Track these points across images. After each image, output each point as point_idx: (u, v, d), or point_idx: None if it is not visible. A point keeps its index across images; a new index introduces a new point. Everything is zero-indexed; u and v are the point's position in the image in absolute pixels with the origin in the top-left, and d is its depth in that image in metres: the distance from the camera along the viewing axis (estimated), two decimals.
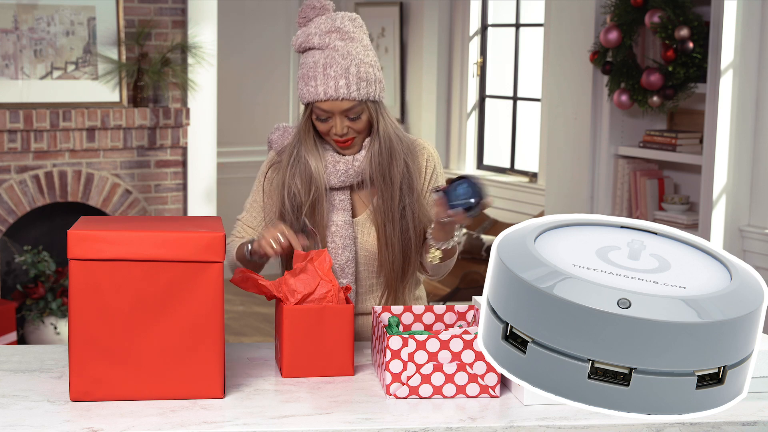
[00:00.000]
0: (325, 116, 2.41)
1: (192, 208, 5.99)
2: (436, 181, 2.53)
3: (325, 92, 2.37)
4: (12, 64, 5.48)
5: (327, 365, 2.21)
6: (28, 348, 2.44)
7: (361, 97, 2.39)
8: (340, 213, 2.48)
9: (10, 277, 5.72)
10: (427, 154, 2.53)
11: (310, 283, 2.23)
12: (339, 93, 2.37)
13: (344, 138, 2.43)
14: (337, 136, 2.42)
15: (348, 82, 2.37)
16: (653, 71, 4.72)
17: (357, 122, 2.42)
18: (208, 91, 6.01)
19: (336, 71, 2.37)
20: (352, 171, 2.46)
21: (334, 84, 2.36)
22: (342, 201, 2.49)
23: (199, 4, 5.92)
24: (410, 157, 2.49)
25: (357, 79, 2.38)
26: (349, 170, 2.46)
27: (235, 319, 6.34)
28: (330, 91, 2.37)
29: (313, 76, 2.38)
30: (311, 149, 2.45)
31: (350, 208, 2.50)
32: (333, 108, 2.39)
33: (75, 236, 2.01)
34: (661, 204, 4.95)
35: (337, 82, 2.36)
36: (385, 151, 2.44)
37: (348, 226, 2.48)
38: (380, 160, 2.44)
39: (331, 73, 2.37)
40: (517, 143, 6.75)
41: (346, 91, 2.37)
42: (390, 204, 2.44)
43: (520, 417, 1.99)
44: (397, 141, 2.46)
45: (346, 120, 2.41)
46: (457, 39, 6.99)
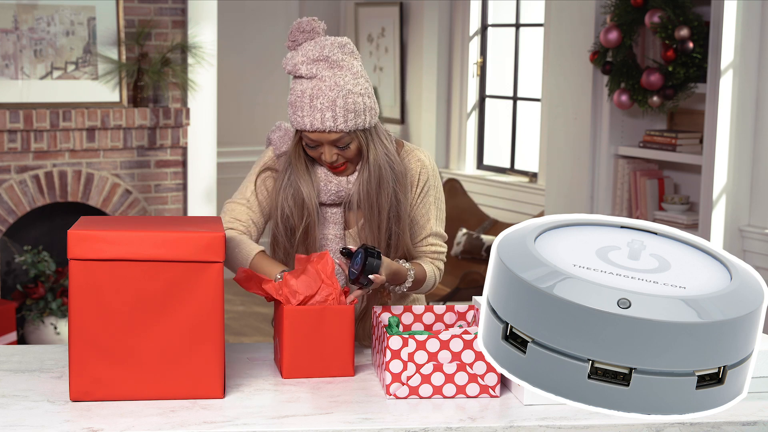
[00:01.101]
0: (314, 144, 2.39)
1: (192, 208, 5.99)
2: (428, 193, 2.51)
3: (312, 124, 2.34)
4: (12, 64, 5.48)
5: (327, 366, 2.21)
6: (28, 348, 2.44)
7: (349, 128, 2.35)
8: (332, 226, 2.49)
9: (10, 277, 5.72)
10: (421, 166, 2.51)
11: (312, 285, 2.23)
12: (325, 125, 2.33)
13: (335, 165, 2.42)
14: (327, 163, 2.41)
15: (335, 115, 2.33)
16: (653, 71, 4.72)
17: (346, 151, 2.39)
18: (208, 91, 6.01)
19: (323, 103, 2.33)
20: (344, 192, 2.46)
21: (320, 116, 2.33)
22: (334, 215, 2.49)
23: (199, 4, 5.92)
24: (400, 185, 2.45)
25: (344, 111, 2.34)
26: (340, 191, 2.45)
27: (235, 319, 6.34)
28: (316, 123, 2.33)
29: (300, 107, 2.35)
30: (302, 174, 2.43)
31: (342, 221, 2.49)
32: (321, 139, 2.36)
33: (75, 236, 2.01)
34: (661, 204, 4.95)
35: (323, 114, 2.33)
36: (374, 180, 2.41)
37: (339, 240, 2.49)
38: (368, 189, 2.41)
39: (317, 105, 2.33)
40: (517, 143, 6.75)
41: (332, 123, 2.33)
42: (377, 233, 2.43)
43: (520, 417, 1.99)
44: (387, 169, 2.42)
45: (335, 149, 2.38)
46: (457, 39, 6.99)
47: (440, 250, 2.53)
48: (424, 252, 2.52)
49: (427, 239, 2.52)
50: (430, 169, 2.51)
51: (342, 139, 2.36)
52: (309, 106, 2.33)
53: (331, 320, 2.20)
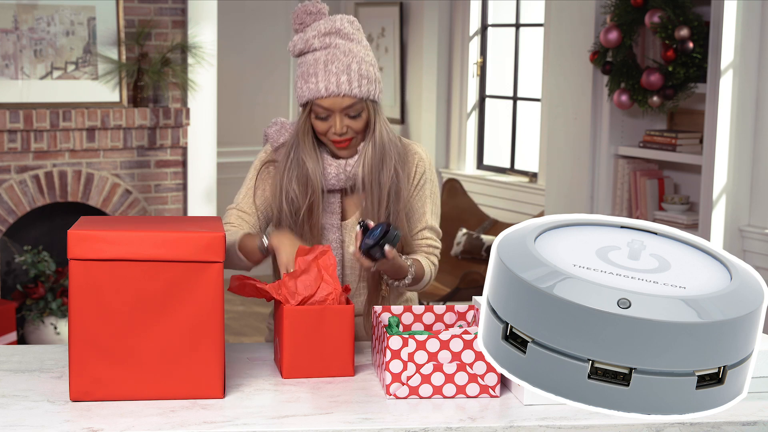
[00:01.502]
0: (325, 114, 2.39)
1: (192, 208, 5.99)
2: (424, 185, 2.52)
3: (327, 88, 2.35)
4: (12, 64, 5.48)
5: (327, 366, 2.21)
6: (28, 348, 2.44)
7: (362, 94, 2.37)
8: (329, 216, 2.49)
9: (10, 277, 5.72)
10: (419, 158, 2.52)
11: (311, 285, 2.23)
12: (341, 89, 2.35)
13: (343, 138, 2.41)
14: (335, 135, 2.41)
15: (350, 79, 2.36)
16: (653, 71, 4.72)
17: (357, 121, 2.40)
18: (208, 91, 6.01)
19: (338, 67, 2.35)
20: (344, 175, 2.46)
21: (335, 80, 2.35)
22: (332, 204, 2.49)
23: (199, 4, 5.92)
24: (401, 164, 2.47)
25: (359, 76, 2.37)
26: (340, 174, 2.45)
27: (235, 319, 6.34)
28: (332, 87, 2.35)
29: (314, 73, 2.37)
30: (309, 151, 2.44)
31: (340, 211, 2.50)
32: (334, 105, 2.37)
33: (75, 236, 2.01)
34: (661, 204, 4.95)
35: (338, 78, 2.35)
36: (377, 156, 2.43)
37: (336, 230, 2.49)
38: (372, 165, 2.43)
39: (332, 69, 2.35)
40: (517, 143, 6.75)
41: (348, 87, 2.35)
42: (377, 209, 2.44)
43: (520, 417, 1.99)
44: (390, 146, 2.45)
45: (346, 119, 2.39)
46: (457, 39, 6.99)
47: (435, 245, 2.54)
48: (419, 245, 2.53)
49: (422, 232, 2.53)
50: (427, 163, 2.53)
51: (354, 106, 2.38)
52: (324, 71, 2.35)
53: (331, 320, 2.20)
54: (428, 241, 2.53)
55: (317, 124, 2.42)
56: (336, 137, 2.41)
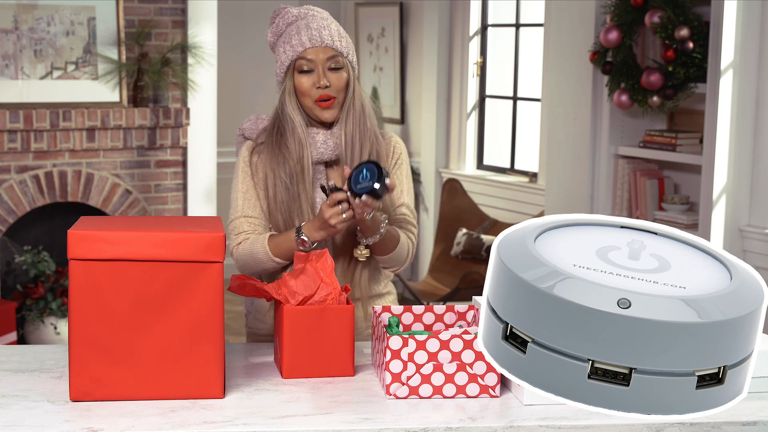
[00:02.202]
0: (309, 67, 2.48)
1: (192, 208, 5.99)
2: (402, 165, 2.60)
3: (310, 39, 2.47)
4: (12, 64, 5.48)
5: (327, 366, 2.21)
6: (28, 348, 2.44)
7: (343, 49, 2.50)
8: (318, 190, 2.53)
9: (10, 277, 5.72)
10: (395, 141, 2.62)
11: (311, 285, 2.23)
12: (323, 39, 2.48)
13: (326, 93, 2.48)
14: (320, 89, 2.48)
15: (331, 33, 2.49)
16: (653, 71, 4.72)
17: (338, 75, 2.49)
18: (208, 91, 6.01)
19: (319, 24, 2.50)
20: (332, 141, 2.51)
21: (318, 33, 2.48)
22: (319, 179, 2.54)
23: (199, 4, 5.92)
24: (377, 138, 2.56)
25: (338, 33, 2.51)
26: (328, 140, 2.51)
27: (235, 319, 6.34)
28: (315, 38, 2.47)
29: (296, 32, 2.49)
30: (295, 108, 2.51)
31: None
32: (317, 56, 2.48)
33: (75, 236, 2.01)
34: (661, 204, 4.95)
35: (320, 32, 2.48)
36: (357, 118, 2.51)
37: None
38: (353, 126, 2.51)
39: (313, 25, 2.49)
40: (517, 143, 6.75)
41: (329, 39, 2.48)
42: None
43: (520, 417, 1.99)
44: (369, 116, 2.54)
45: (329, 72, 2.48)
46: (457, 39, 6.99)
47: (412, 221, 2.59)
48: (396, 219, 2.57)
49: (399, 208, 2.58)
50: (402, 147, 2.63)
51: (336, 58, 2.49)
52: (306, 28, 2.49)
53: (330, 320, 2.20)
54: (405, 217, 2.58)
55: (301, 82, 2.49)
56: (320, 92, 2.48)
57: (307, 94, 2.50)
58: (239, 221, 2.53)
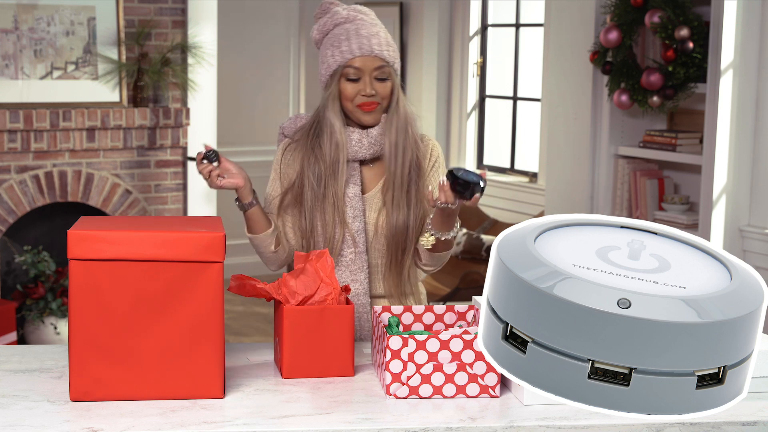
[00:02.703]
0: (356, 75, 2.49)
1: (192, 208, 5.99)
2: (438, 168, 2.62)
3: (360, 48, 2.47)
4: (12, 64, 5.48)
5: (327, 366, 2.21)
6: (28, 348, 2.44)
7: (390, 59, 2.51)
8: (351, 186, 2.54)
9: (10, 277, 5.72)
10: (433, 144, 2.65)
11: (311, 285, 2.23)
12: (373, 49, 2.48)
13: (371, 100, 2.50)
14: (364, 97, 2.49)
15: (380, 42, 2.50)
16: (653, 71, 4.72)
17: (384, 84, 2.51)
18: (208, 91, 6.01)
19: (368, 32, 2.50)
20: (366, 141, 2.53)
21: (368, 42, 2.48)
22: (353, 175, 2.55)
23: (199, 4, 5.92)
24: (417, 143, 2.59)
25: (387, 42, 2.52)
26: (362, 140, 2.53)
27: (235, 319, 6.34)
28: (365, 47, 2.48)
29: (345, 39, 2.49)
30: (335, 114, 2.51)
31: (360, 183, 2.56)
32: (365, 65, 2.48)
33: (75, 236, 2.01)
34: (661, 204, 4.95)
35: (370, 40, 2.49)
36: (401, 126, 2.54)
37: (358, 199, 2.54)
38: (396, 133, 2.53)
39: (363, 33, 2.49)
40: (517, 143, 6.75)
41: (378, 48, 2.49)
42: (400, 177, 2.52)
43: (520, 417, 1.99)
44: (411, 118, 2.58)
45: (375, 81, 2.49)
46: (457, 39, 6.99)
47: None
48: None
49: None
50: (439, 150, 2.65)
51: (383, 68, 2.50)
52: (355, 35, 2.49)
53: (330, 320, 2.20)
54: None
55: (346, 88, 2.50)
56: (364, 99, 2.50)
57: (350, 99, 2.51)
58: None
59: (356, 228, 2.53)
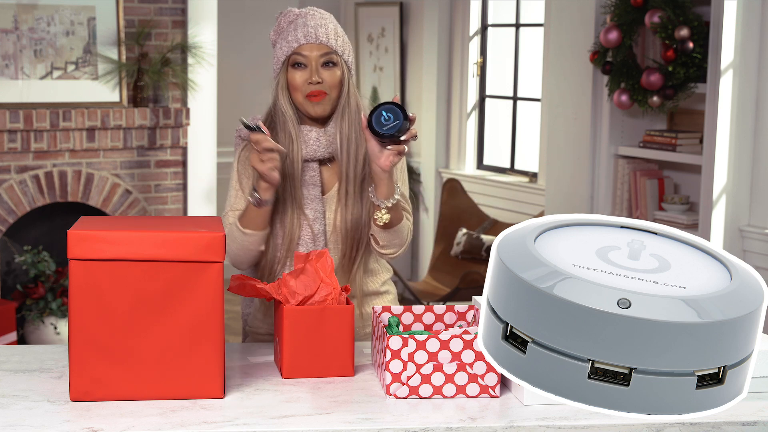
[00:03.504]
0: (302, 61, 2.49)
1: (192, 208, 5.99)
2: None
3: (305, 36, 2.49)
4: (12, 64, 5.48)
5: (327, 366, 2.21)
6: (28, 348, 2.44)
7: (338, 47, 2.50)
8: (310, 188, 2.52)
9: (10, 277, 5.72)
10: None
11: (311, 285, 2.23)
12: (318, 37, 2.49)
13: (318, 89, 2.48)
14: (311, 85, 2.48)
15: (327, 32, 2.50)
16: (653, 71, 4.72)
17: (331, 72, 2.49)
18: (208, 91, 6.01)
19: (316, 22, 2.51)
20: (324, 140, 2.51)
21: (314, 31, 2.49)
22: (312, 177, 2.53)
23: (199, 4, 5.92)
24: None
25: (335, 33, 2.52)
26: (320, 138, 2.51)
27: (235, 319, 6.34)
28: (310, 34, 2.49)
29: (293, 28, 2.51)
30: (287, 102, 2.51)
31: (320, 183, 2.53)
32: (311, 53, 2.48)
33: (75, 236, 2.01)
34: (661, 204, 4.95)
35: (317, 30, 2.50)
36: (353, 118, 2.51)
37: (318, 200, 2.52)
38: (349, 126, 2.50)
39: (310, 23, 2.51)
40: (517, 143, 6.75)
41: (325, 37, 2.49)
42: (353, 174, 2.49)
43: (520, 417, 1.99)
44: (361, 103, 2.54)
45: (322, 69, 2.48)
46: (457, 39, 6.99)
47: (407, 208, 2.57)
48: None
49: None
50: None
51: (330, 55, 2.49)
52: (303, 25, 2.51)
53: (330, 320, 2.20)
54: (402, 204, 2.54)
55: (294, 77, 2.50)
56: (311, 88, 2.48)
57: (298, 89, 2.50)
58: (229, 213, 2.55)
59: (317, 230, 2.50)
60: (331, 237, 2.54)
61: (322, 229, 2.51)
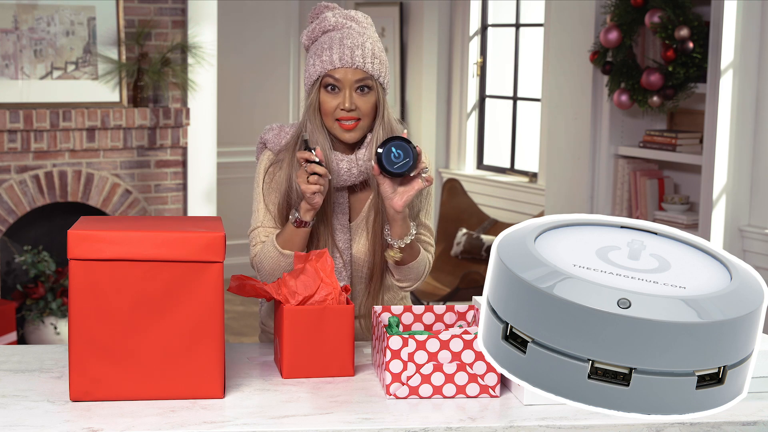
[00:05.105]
0: (336, 86, 2.38)
1: (192, 208, 5.99)
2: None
3: (341, 59, 2.37)
4: (12, 64, 5.48)
5: (327, 366, 2.21)
6: (28, 348, 2.44)
7: (374, 71, 2.40)
8: (338, 216, 2.47)
9: (10, 277, 5.72)
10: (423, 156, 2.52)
11: (311, 285, 2.23)
12: (354, 61, 2.37)
13: (350, 115, 2.39)
14: (344, 111, 2.38)
15: (363, 54, 2.39)
16: (653, 71, 4.72)
17: (366, 98, 2.39)
18: (208, 91, 6.01)
19: (353, 42, 2.39)
20: (356, 170, 2.44)
21: (350, 53, 2.38)
22: (340, 204, 2.47)
23: (199, 4, 5.92)
24: None
25: (372, 54, 2.40)
26: (352, 168, 2.43)
27: (235, 319, 6.34)
28: (346, 57, 2.37)
29: (328, 47, 2.38)
30: (318, 126, 2.41)
31: (347, 211, 2.48)
32: (345, 77, 2.37)
33: (75, 236, 2.01)
34: (661, 204, 4.95)
35: (353, 51, 2.38)
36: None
37: (345, 230, 2.48)
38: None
39: (347, 43, 2.38)
40: (517, 143, 6.75)
41: (361, 61, 2.38)
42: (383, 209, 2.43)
43: (520, 417, 1.99)
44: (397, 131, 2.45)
45: (356, 95, 2.38)
46: (457, 39, 7.00)
47: (430, 242, 2.54)
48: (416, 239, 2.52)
49: (417, 228, 2.51)
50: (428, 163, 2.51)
51: (365, 80, 2.39)
52: (338, 44, 2.38)
53: (330, 320, 2.20)
54: (423, 237, 2.52)
55: (326, 100, 2.39)
56: (343, 114, 2.39)
57: (329, 114, 2.40)
58: (257, 231, 2.49)
59: (343, 262, 2.47)
60: (355, 266, 2.50)
61: (349, 259, 2.48)
